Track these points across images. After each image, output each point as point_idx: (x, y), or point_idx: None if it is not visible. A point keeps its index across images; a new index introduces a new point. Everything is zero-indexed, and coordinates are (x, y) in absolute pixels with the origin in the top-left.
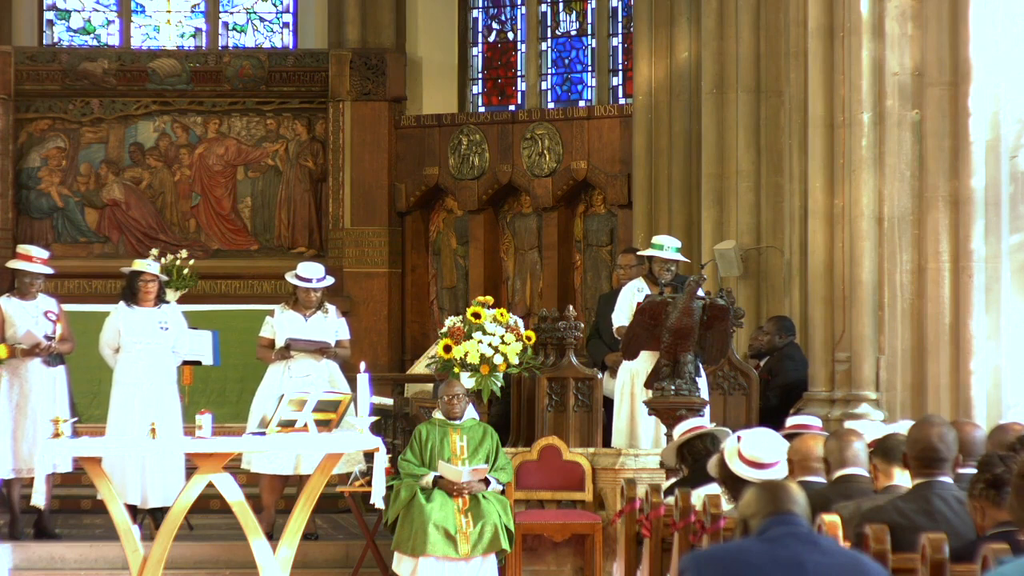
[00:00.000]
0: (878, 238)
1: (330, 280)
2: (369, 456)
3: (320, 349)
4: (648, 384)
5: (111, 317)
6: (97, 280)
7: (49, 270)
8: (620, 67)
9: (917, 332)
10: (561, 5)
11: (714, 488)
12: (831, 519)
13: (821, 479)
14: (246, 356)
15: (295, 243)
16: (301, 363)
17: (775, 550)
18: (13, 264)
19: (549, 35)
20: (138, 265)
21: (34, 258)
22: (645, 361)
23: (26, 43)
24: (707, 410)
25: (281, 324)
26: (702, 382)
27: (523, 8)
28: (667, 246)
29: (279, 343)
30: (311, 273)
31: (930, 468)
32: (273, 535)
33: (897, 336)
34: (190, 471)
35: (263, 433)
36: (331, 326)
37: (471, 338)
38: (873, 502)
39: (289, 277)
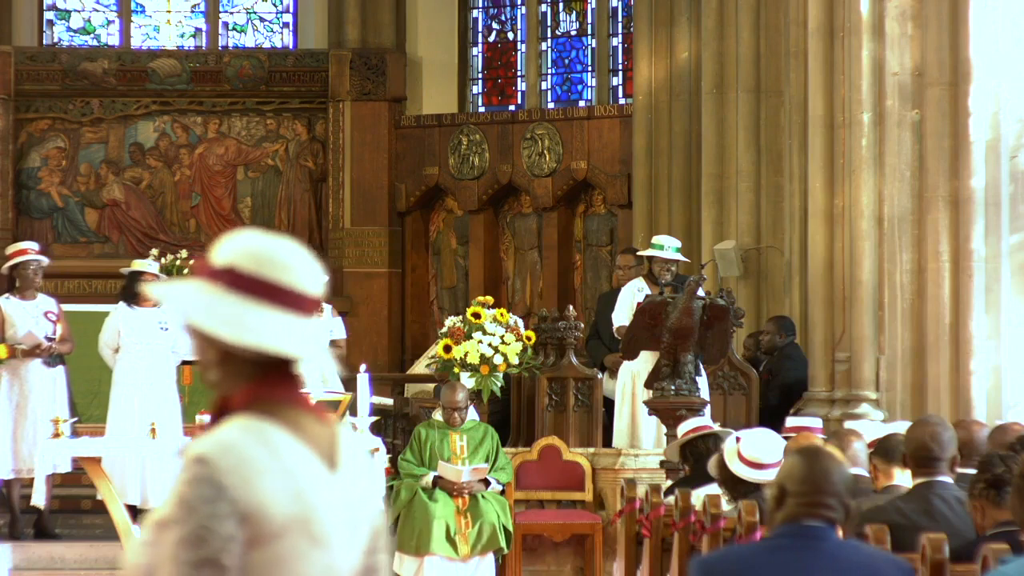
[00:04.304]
0: (878, 238)
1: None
2: None
3: None
4: (648, 384)
5: (111, 317)
6: (97, 280)
7: (46, 260)
8: (620, 67)
9: (917, 332)
10: (561, 5)
11: (715, 488)
12: None
13: None
14: None
15: None
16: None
17: (785, 558)
18: (12, 263)
19: (549, 35)
20: (138, 265)
21: (27, 250)
22: (645, 361)
23: (26, 43)
24: (707, 410)
25: None
26: (702, 382)
27: (523, 8)
28: (667, 246)
29: None
30: None
31: (926, 467)
32: None
33: (897, 336)
34: None
35: None
36: (326, 325)
37: (471, 338)
38: (873, 502)
39: None
